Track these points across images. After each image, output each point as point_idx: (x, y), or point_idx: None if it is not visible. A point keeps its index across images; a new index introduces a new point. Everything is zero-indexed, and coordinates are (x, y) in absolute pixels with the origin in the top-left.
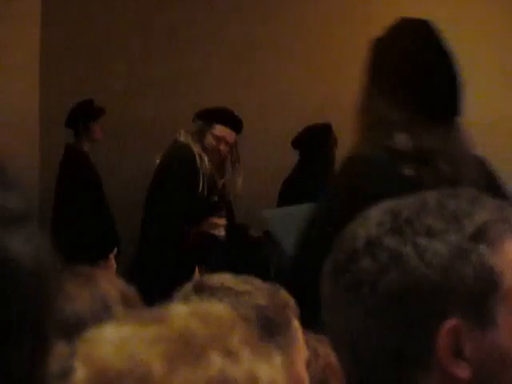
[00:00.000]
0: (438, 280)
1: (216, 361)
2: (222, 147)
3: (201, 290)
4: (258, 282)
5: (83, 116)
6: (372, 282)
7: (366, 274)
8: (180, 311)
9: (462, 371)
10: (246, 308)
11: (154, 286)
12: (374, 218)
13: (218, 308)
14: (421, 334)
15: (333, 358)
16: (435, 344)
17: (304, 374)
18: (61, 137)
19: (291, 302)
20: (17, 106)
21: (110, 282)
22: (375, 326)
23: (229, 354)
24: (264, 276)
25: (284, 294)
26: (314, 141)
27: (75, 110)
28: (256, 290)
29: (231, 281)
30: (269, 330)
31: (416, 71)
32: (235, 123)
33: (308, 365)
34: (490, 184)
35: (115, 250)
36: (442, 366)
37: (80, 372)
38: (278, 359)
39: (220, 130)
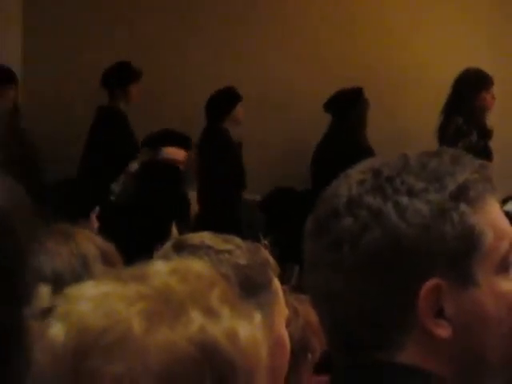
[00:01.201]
0: (418, 238)
1: (196, 318)
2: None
3: (180, 248)
4: (238, 240)
5: (119, 78)
6: (353, 241)
7: (346, 232)
8: (160, 269)
9: (443, 331)
10: (226, 267)
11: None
12: (355, 177)
13: (197, 266)
14: (401, 294)
15: (313, 317)
16: (416, 304)
17: (285, 333)
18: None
19: (272, 260)
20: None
21: (89, 240)
22: (355, 286)
23: (208, 311)
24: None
25: (264, 253)
26: (346, 104)
27: (111, 71)
28: (236, 249)
29: (211, 239)
30: (249, 288)
31: None
32: (182, 141)
33: (288, 324)
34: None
35: (97, 209)
36: (422, 327)
37: (59, 329)
38: (257, 317)
39: (168, 152)
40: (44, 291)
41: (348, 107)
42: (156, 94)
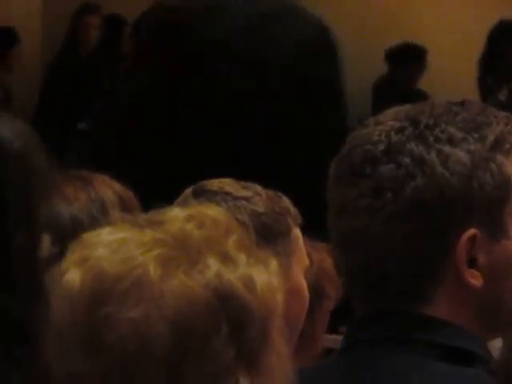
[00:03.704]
0: (460, 188)
1: (212, 265)
2: None
3: (200, 194)
4: (258, 188)
5: None
6: (395, 188)
7: (388, 179)
8: (176, 215)
9: (476, 280)
10: (243, 213)
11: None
12: (389, 124)
13: (213, 212)
14: (440, 242)
15: (327, 263)
16: (452, 253)
17: (303, 283)
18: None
19: (292, 209)
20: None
21: (107, 186)
22: (395, 233)
23: (225, 258)
24: None
25: (285, 202)
26: (406, 58)
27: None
28: (255, 196)
29: (231, 186)
30: (265, 236)
31: None
32: None
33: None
34: None
35: None
36: (456, 276)
37: (75, 275)
38: (274, 264)
39: None
40: (45, 240)
41: (406, 64)
42: None
